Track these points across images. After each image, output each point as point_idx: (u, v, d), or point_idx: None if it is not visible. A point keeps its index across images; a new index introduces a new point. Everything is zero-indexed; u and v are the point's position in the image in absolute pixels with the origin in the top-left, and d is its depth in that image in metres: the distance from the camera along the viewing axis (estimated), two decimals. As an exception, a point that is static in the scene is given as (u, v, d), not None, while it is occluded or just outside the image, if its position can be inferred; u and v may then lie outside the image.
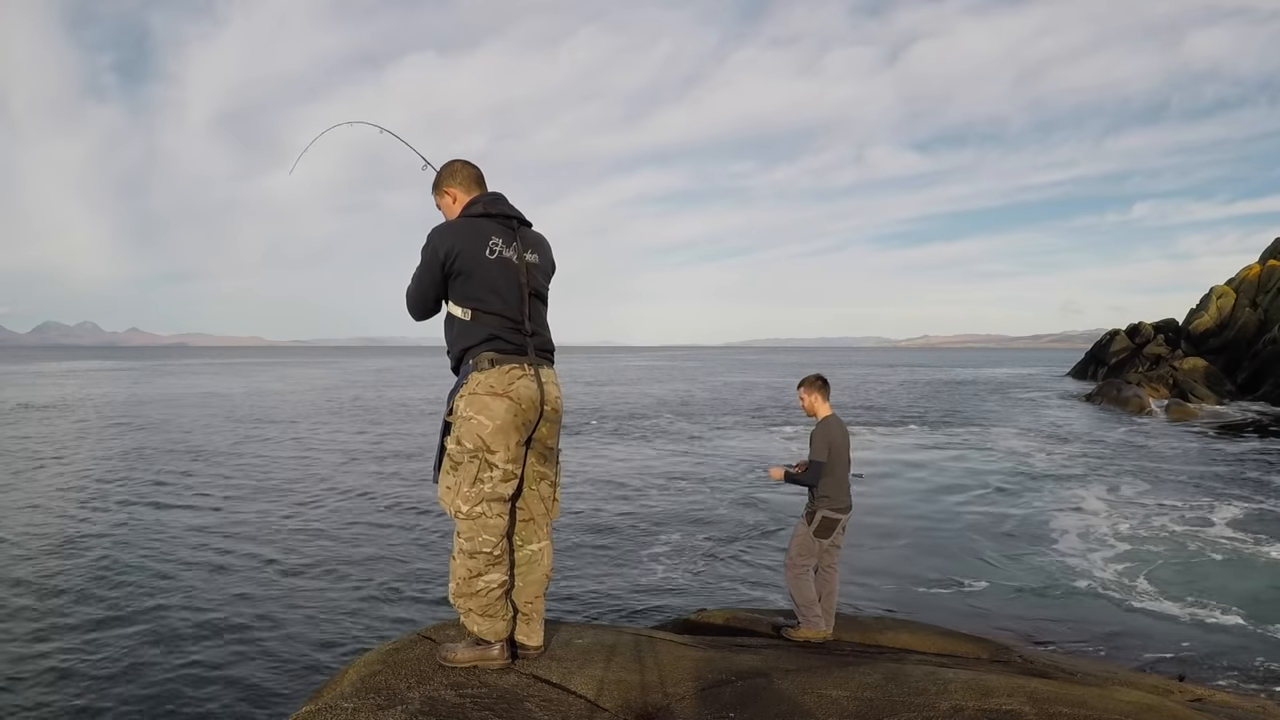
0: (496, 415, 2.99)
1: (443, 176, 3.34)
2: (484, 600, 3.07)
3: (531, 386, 3.07)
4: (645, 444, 20.61)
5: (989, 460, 17.83)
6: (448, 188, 3.30)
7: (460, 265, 3.06)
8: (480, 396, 3.01)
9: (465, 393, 3.05)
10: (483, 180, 3.33)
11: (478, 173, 3.33)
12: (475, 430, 3.00)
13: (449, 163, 3.36)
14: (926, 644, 5.05)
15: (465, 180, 3.29)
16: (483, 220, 3.16)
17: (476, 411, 3.00)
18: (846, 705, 2.99)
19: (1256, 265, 37.77)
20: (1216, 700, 4.37)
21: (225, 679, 6.13)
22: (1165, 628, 7.29)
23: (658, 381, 54.58)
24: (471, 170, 3.32)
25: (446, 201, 3.32)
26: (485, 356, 3.04)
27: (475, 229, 3.12)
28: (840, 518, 4.96)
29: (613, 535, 10.69)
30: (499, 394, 3.00)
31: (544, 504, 3.27)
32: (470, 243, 3.08)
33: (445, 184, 3.31)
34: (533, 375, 3.09)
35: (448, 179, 3.31)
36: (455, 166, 3.33)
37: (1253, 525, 11.21)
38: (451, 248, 3.06)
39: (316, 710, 2.72)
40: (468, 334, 3.10)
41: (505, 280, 3.10)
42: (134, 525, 11.09)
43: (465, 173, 3.31)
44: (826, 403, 5.10)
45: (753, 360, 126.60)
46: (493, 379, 3.02)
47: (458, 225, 3.15)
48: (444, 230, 3.14)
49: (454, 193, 3.29)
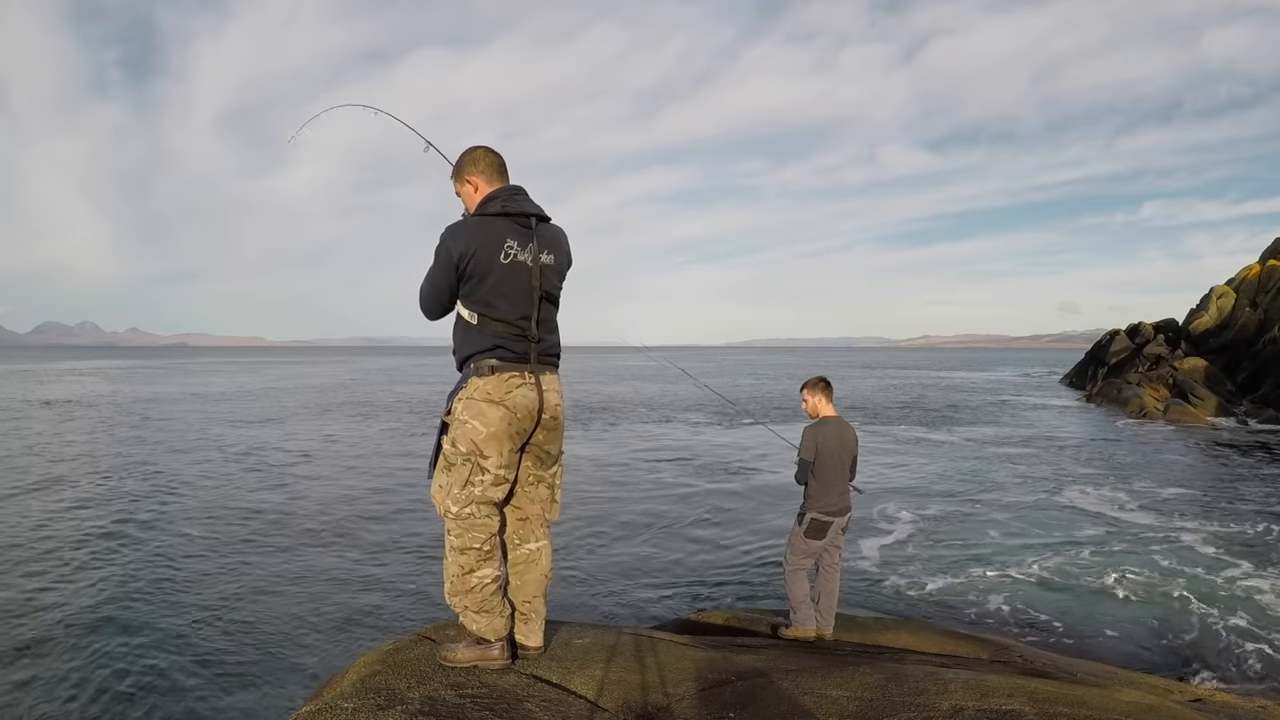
0: (491, 422, 2.99)
1: (464, 164, 3.19)
2: (478, 597, 3.07)
3: (530, 395, 3.05)
4: (645, 443, 20.61)
5: (987, 461, 17.83)
6: (469, 176, 3.17)
7: (473, 268, 2.99)
8: (476, 402, 3.01)
9: (463, 396, 3.04)
10: (505, 170, 3.19)
11: (500, 161, 3.18)
12: (469, 435, 3.00)
13: (470, 149, 3.20)
14: (926, 644, 5.05)
15: (488, 169, 3.16)
16: (499, 220, 3.05)
17: (472, 416, 3.00)
18: (847, 705, 2.99)
19: (1256, 265, 37.76)
20: (1216, 700, 4.37)
21: (225, 679, 6.13)
22: (1165, 628, 7.30)
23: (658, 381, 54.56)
24: (494, 158, 3.17)
25: (468, 190, 3.18)
26: (487, 363, 3.02)
27: (491, 230, 3.02)
28: (831, 520, 4.94)
29: (612, 535, 10.69)
30: (495, 401, 3.00)
31: (540, 504, 3.27)
32: (485, 245, 2.99)
33: (467, 172, 3.17)
34: (532, 383, 3.07)
35: (469, 166, 3.17)
36: (478, 154, 3.17)
37: (1252, 526, 11.21)
38: (466, 249, 2.97)
39: (316, 710, 2.72)
40: (473, 340, 3.06)
41: (516, 285, 3.04)
42: (136, 525, 11.08)
43: (488, 160, 3.16)
44: (830, 405, 5.10)
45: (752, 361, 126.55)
46: (490, 386, 3.01)
47: (473, 226, 3.04)
48: (459, 231, 3.03)
49: (475, 181, 3.16)
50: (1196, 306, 40.35)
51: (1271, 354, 31.57)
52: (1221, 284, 39.03)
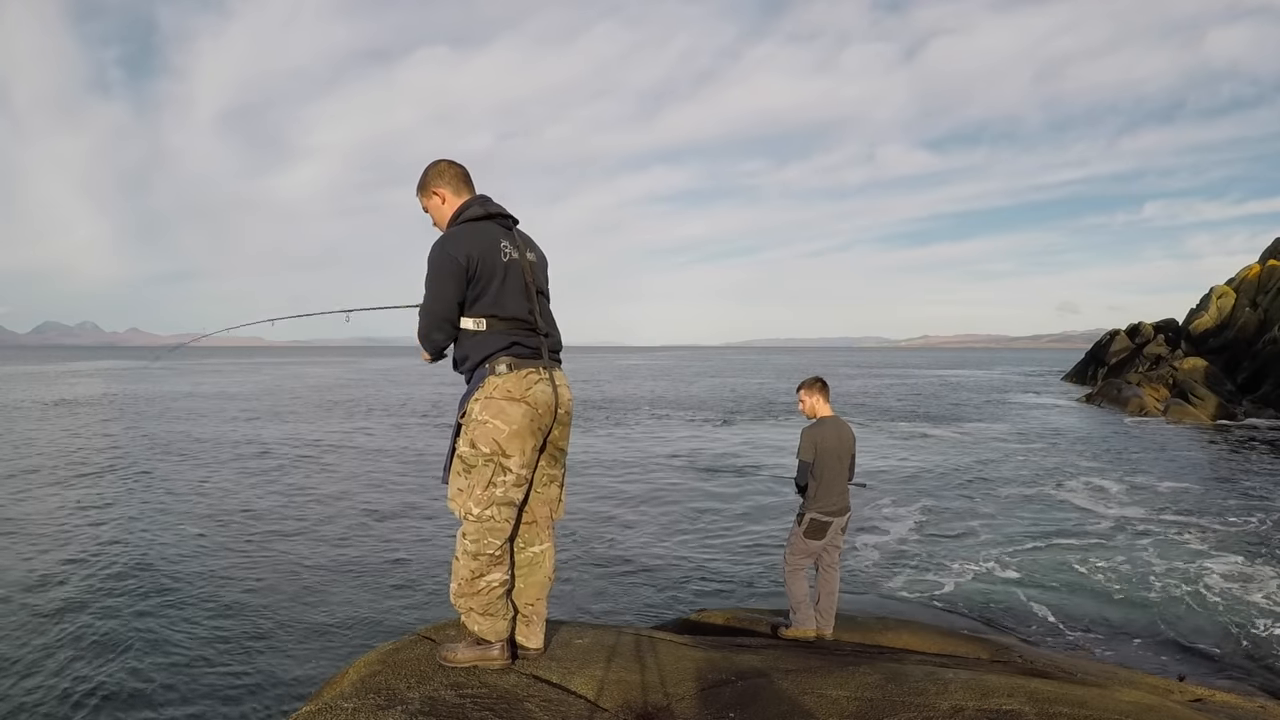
0: (513, 420, 2.96)
1: (429, 177, 3.19)
2: (485, 599, 3.07)
3: (548, 391, 3.04)
4: (645, 442, 20.61)
5: (985, 461, 17.83)
6: (436, 188, 3.17)
7: (481, 270, 2.97)
8: (497, 401, 2.97)
9: (481, 396, 3.00)
10: (470, 180, 3.21)
11: (465, 172, 3.20)
12: (491, 434, 2.96)
13: (434, 163, 3.21)
14: (926, 644, 5.05)
15: (454, 179, 3.17)
16: (487, 223, 3.07)
17: (492, 416, 2.96)
18: (847, 705, 2.99)
19: (1256, 265, 37.77)
20: (1216, 700, 4.37)
21: (225, 679, 6.13)
22: (1165, 628, 7.30)
23: (657, 381, 54.57)
24: (459, 169, 3.19)
25: (435, 203, 3.19)
26: (503, 360, 3.00)
27: (485, 232, 3.02)
28: (830, 520, 4.95)
29: (612, 534, 10.69)
30: (516, 399, 2.97)
31: (549, 506, 3.25)
32: (486, 247, 2.98)
33: (433, 184, 3.17)
34: (548, 379, 3.06)
35: (435, 179, 3.17)
36: (442, 166, 3.18)
37: (1251, 528, 11.21)
38: (471, 252, 2.95)
39: (316, 710, 2.72)
40: (485, 343, 3.02)
41: (517, 283, 3.05)
42: (136, 525, 11.08)
43: (453, 171, 3.18)
44: (827, 405, 5.10)
45: (753, 361, 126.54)
46: (510, 384, 2.98)
47: (467, 231, 3.02)
48: (456, 239, 3.00)
49: (443, 193, 3.16)
50: (1196, 306, 40.35)
51: (1271, 354, 31.57)
52: (1222, 284, 39.04)
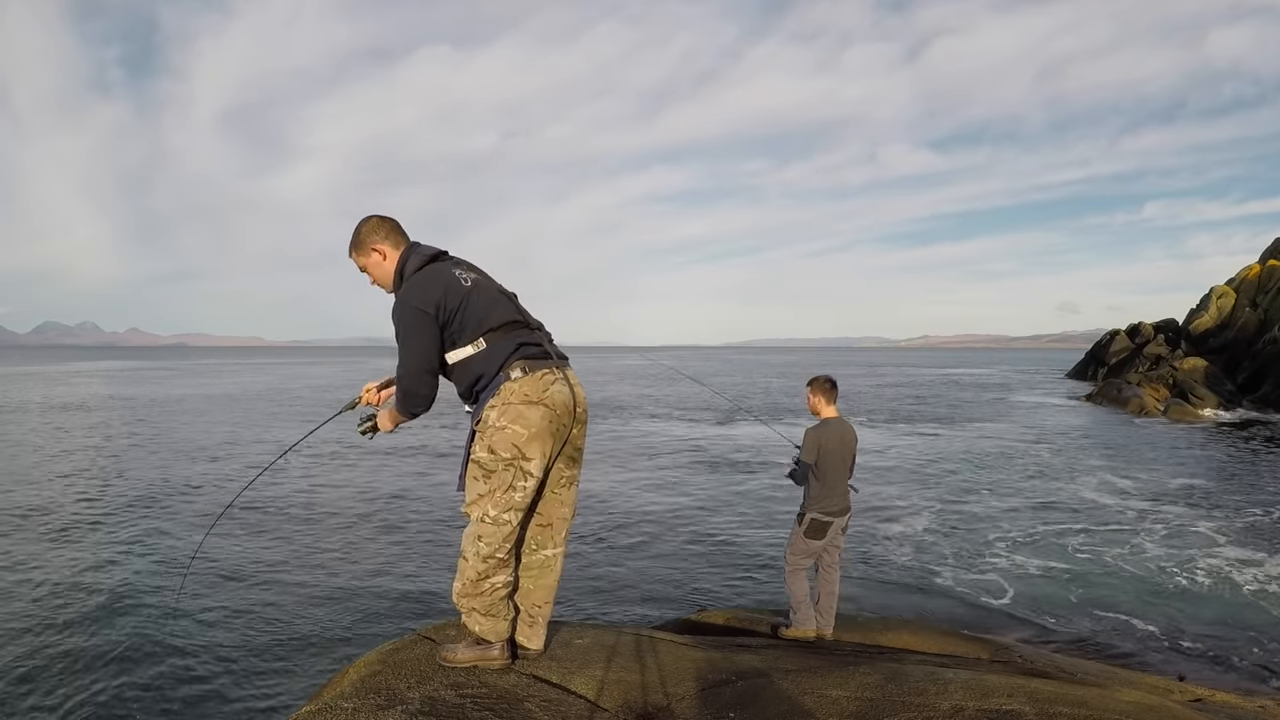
0: (532, 423, 2.91)
1: (364, 235, 3.13)
2: (488, 600, 3.06)
3: (565, 391, 3.00)
4: (645, 441, 20.62)
5: (985, 460, 17.83)
6: (374, 245, 3.11)
7: (451, 304, 2.94)
8: (514, 405, 2.92)
9: (497, 402, 2.95)
10: (403, 229, 3.17)
11: (398, 223, 3.16)
12: (510, 439, 2.91)
13: (365, 219, 3.15)
14: (926, 644, 5.05)
15: (391, 233, 3.12)
16: (436, 264, 3.06)
17: (511, 421, 2.92)
18: (847, 705, 2.99)
19: (1256, 265, 37.79)
20: (1216, 700, 4.37)
21: (225, 680, 6.14)
22: (1165, 628, 7.30)
23: (658, 380, 54.57)
24: (392, 222, 3.15)
25: (375, 260, 3.13)
26: (516, 365, 2.96)
27: (440, 274, 3.01)
28: (831, 520, 4.95)
29: (612, 534, 10.69)
30: (534, 401, 2.93)
31: (565, 508, 3.21)
32: (448, 286, 2.97)
33: (370, 241, 3.12)
34: (563, 379, 3.02)
35: (371, 236, 3.12)
36: (374, 223, 3.13)
37: (1251, 527, 11.21)
38: (438, 298, 2.93)
39: (316, 710, 2.72)
40: (492, 356, 2.98)
41: (491, 295, 3.04)
42: (137, 524, 11.09)
43: (388, 226, 3.13)
44: (831, 405, 5.10)
45: (752, 361, 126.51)
46: (527, 386, 2.94)
47: (427, 277, 3.00)
48: (420, 288, 2.97)
49: (383, 249, 3.11)
50: (1196, 306, 40.38)
51: (1271, 354, 31.58)
52: (1222, 284, 39.06)
